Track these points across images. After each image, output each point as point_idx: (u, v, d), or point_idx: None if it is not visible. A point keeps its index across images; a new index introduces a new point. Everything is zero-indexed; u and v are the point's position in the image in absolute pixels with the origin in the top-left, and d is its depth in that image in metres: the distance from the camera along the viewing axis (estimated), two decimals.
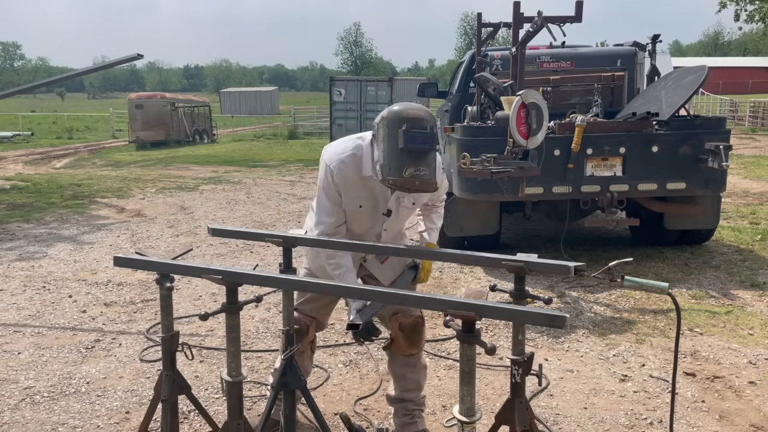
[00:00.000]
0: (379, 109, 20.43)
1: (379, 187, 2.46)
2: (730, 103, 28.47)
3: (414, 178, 2.15)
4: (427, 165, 2.16)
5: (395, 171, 2.15)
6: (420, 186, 2.18)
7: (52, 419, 3.11)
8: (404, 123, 2.15)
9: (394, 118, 2.18)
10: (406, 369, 2.79)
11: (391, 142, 2.17)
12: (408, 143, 2.13)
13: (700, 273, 5.32)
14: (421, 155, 2.15)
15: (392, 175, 2.16)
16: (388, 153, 2.17)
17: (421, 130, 2.15)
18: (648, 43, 6.49)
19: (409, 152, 2.14)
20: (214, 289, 5.05)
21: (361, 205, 2.50)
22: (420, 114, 2.19)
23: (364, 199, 2.50)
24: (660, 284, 1.81)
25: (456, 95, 7.58)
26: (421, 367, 2.84)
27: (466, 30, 77.84)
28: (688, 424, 2.97)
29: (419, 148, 2.14)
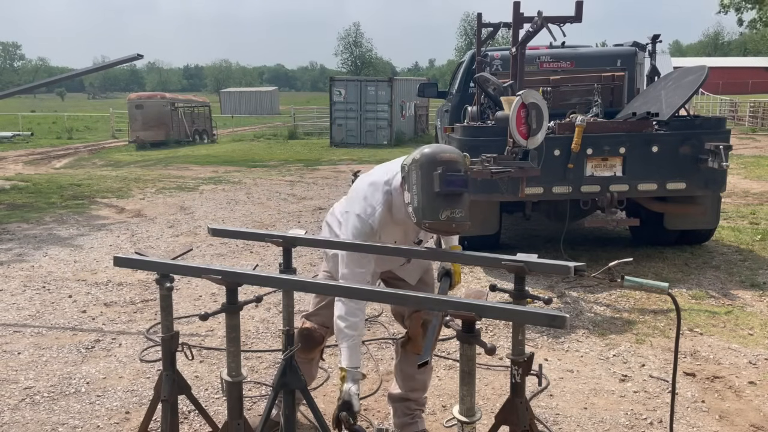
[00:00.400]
0: (380, 109, 20.34)
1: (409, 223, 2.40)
2: (730, 103, 28.47)
3: (450, 221, 2.15)
4: (462, 206, 2.17)
5: (431, 214, 2.16)
6: (456, 228, 2.19)
7: (52, 419, 3.11)
8: (439, 166, 2.14)
9: (428, 162, 2.17)
10: (417, 369, 2.75)
11: (425, 185, 2.16)
12: (444, 187, 2.13)
13: (700, 273, 5.32)
14: (456, 198, 2.16)
15: (428, 219, 2.17)
16: (423, 196, 2.17)
17: (456, 173, 2.15)
18: (648, 43, 6.49)
19: (446, 195, 2.14)
20: (214, 289, 5.05)
21: (396, 241, 2.52)
22: (454, 157, 2.19)
23: (398, 235, 2.54)
24: (660, 284, 1.81)
25: (456, 95, 7.59)
26: (430, 368, 2.87)
27: (466, 30, 77.83)
28: (688, 424, 2.97)
29: (455, 191, 2.14)
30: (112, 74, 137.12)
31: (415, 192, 2.19)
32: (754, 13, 26.15)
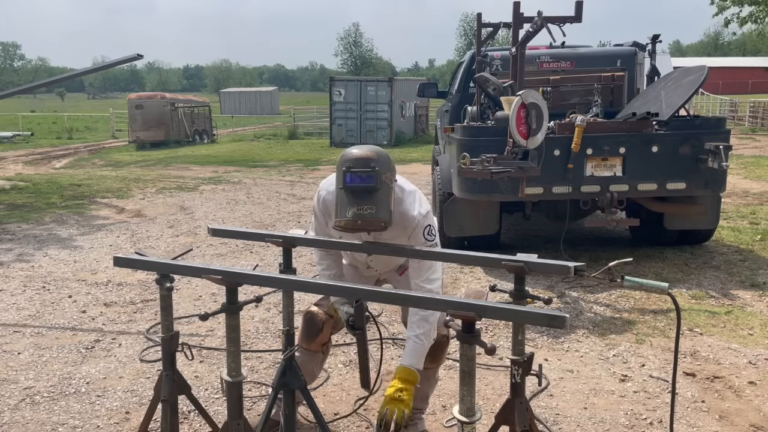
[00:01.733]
0: (379, 109, 20.34)
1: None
2: (730, 103, 28.47)
3: (357, 217, 2.14)
4: (371, 203, 2.14)
5: (340, 212, 2.17)
6: (363, 225, 2.17)
7: (52, 419, 3.11)
8: (346, 164, 2.18)
9: (340, 161, 2.23)
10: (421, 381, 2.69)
11: (337, 183, 2.21)
12: (347, 182, 2.15)
13: (700, 273, 5.32)
14: (362, 194, 2.14)
15: (338, 216, 2.18)
16: (336, 195, 2.22)
17: (361, 169, 2.15)
18: (648, 43, 6.49)
19: (351, 192, 2.15)
20: (214, 289, 5.05)
21: (341, 236, 2.49)
22: (364, 154, 2.20)
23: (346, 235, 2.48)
24: (660, 284, 1.81)
25: (456, 95, 7.59)
26: (434, 380, 2.83)
27: (465, 30, 77.80)
28: (688, 424, 2.97)
29: (358, 186, 2.14)
30: (112, 74, 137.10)
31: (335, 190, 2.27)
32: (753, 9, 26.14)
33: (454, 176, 5.46)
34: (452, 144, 5.75)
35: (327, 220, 2.53)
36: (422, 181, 11.53)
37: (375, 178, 2.16)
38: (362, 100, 20.73)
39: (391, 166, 2.26)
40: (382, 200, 2.18)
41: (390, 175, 2.24)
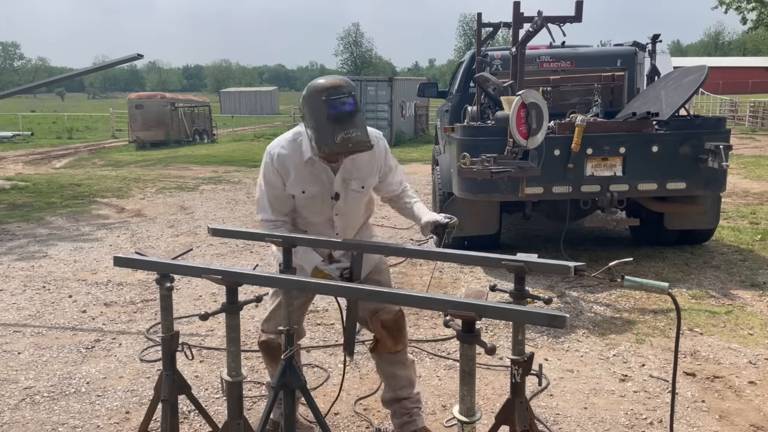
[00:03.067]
0: (379, 109, 20.34)
1: (324, 173, 2.51)
2: (730, 103, 28.47)
3: (346, 141, 2.23)
4: (355, 127, 2.25)
5: (327, 140, 2.24)
6: (354, 147, 2.27)
7: (52, 419, 3.11)
8: (323, 94, 2.25)
9: (314, 92, 2.28)
10: (395, 367, 2.80)
11: (317, 114, 2.25)
12: (332, 110, 2.22)
13: (700, 273, 5.32)
14: (348, 119, 2.24)
15: (326, 145, 2.24)
16: (317, 126, 2.26)
17: (342, 96, 2.24)
18: (648, 43, 6.49)
19: (336, 118, 2.22)
20: (214, 289, 5.05)
21: (305, 191, 2.52)
22: (337, 81, 2.29)
23: (308, 184, 2.52)
24: (660, 284, 1.80)
25: (456, 95, 7.58)
26: (409, 363, 2.85)
27: (465, 30, 77.80)
28: (688, 424, 2.97)
29: (344, 111, 2.23)
30: (112, 74, 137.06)
31: (311, 124, 2.29)
32: (755, 15, 26.20)
33: (454, 176, 5.46)
34: (452, 144, 5.75)
35: (284, 180, 2.50)
36: (422, 181, 11.52)
37: (355, 102, 2.28)
38: (362, 100, 20.71)
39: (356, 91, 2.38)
40: (362, 123, 2.31)
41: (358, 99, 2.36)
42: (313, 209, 2.60)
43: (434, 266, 5.48)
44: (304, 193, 2.52)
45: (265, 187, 2.55)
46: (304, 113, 2.33)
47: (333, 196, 2.56)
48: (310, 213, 2.62)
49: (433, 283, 5.31)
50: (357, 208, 2.71)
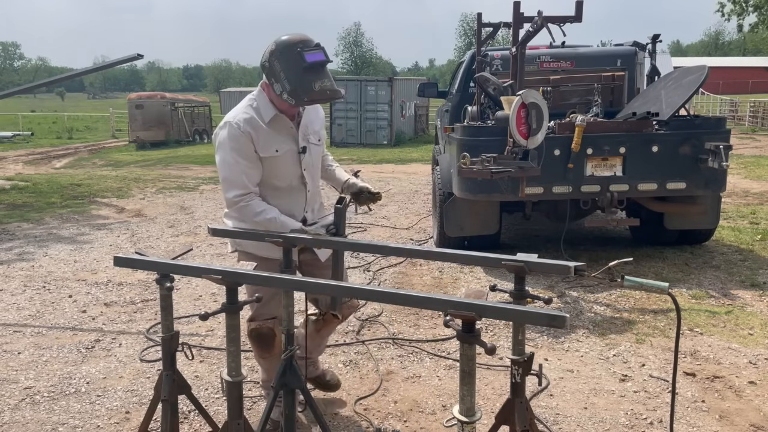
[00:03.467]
0: (380, 108, 20.35)
1: (288, 130, 2.61)
2: (730, 103, 28.48)
3: (324, 89, 2.39)
4: (329, 78, 2.42)
5: (306, 88, 2.36)
6: (331, 95, 2.43)
7: (52, 419, 3.11)
8: (296, 46, 2.37)
9: (286, 46, 2.39)
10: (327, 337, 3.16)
11: (292, 66, 2.36)
12: (309, 59, 2.36)
13: (700, 273, 5.32)
14: (322, 69, 2.40)
15: (305, 93, 2.37)
16: (293, 77, 2.36)
17: (313, 47, 2.39)
18: (648, 43, 6.49)
19: (312, 68, 2.36)
20: (214, 289, 5.05)
21: (278, 149, 2.58)
22: (305, 36, 2.43)
23: (279, 143, 2.58)
24: (660, 284, 1.80)
25: (456, 95, 7.59)
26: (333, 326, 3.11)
27: (465, 30, 77.79)
28: (688, 424, 2.98)
29: (319, 61, 2.38)
30: (112, 74, 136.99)
31: (284, 77, 2.38)
32: (755, 17, 26.19)
33: (454, 176, 5.46)
34: (452, 144, 5.75)
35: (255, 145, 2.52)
36: (422, 181, 11.53)
37: (326, 54, 2.42)
38: (362, 100, 20.73)
39: None
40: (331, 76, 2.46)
41: None
42: (283, 170, 2.63)
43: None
44: (277, 152, 2.58)
45: (235, 160, 2.52)
46: (273, 69, 2.40)
47: (300, 150, 2.65)
48: (280, 176, 2.64)
49: (433, 283, 5.32)
50: (318, 163, 2.82)
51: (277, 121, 2.56)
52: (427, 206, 8.81)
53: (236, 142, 2.51)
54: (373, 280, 5.38)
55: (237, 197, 2.54)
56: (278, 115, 2.56)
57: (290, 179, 2.67)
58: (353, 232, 7.36)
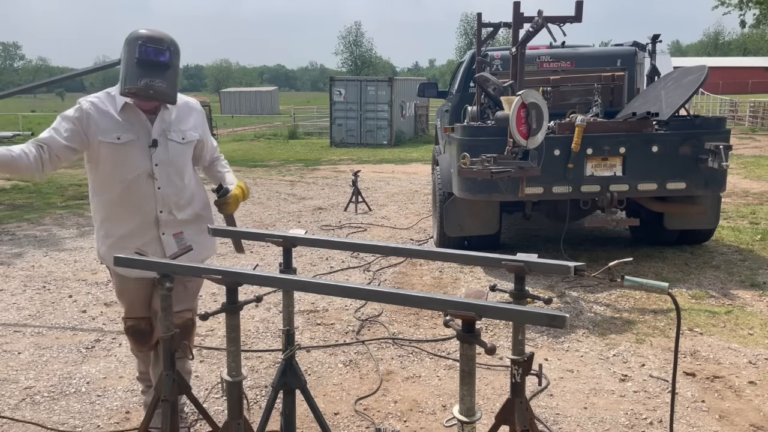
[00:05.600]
0: (380, 109, 20.35)
1: (139, 121, 2.56)
2: (730, 103, 28.47)
3: (148, 87, 2.36)
4: (162, 79, 2.39)
5: (131, 80, 2.36)
6: (154, 95, 2.40)
7: (53, 419, 3.11)
8: (140, 39, 2.38)
9: (133, 37, 2.39)
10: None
11: (129, 56, 2.38)
12: (142, 55, 2.36)
13: (700, 273, 5.32)
14: (155, 67, 2.38)
15: (128, 84, 2.37)
16: (127, 66, 2.38)
17: (156, 45, 2.38)
18: (648, 43, 6.49)
19: (144, 63, 2.36)
20: (214, 289, 5.05)
21: (120, 137, 2.52)
22: (158, 34, 2.42)
23: (123, 131, 2.53)
24: (660, 284, 1.80)
25: (456, 95, 7.59)
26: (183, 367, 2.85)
27: (465, 30, 77.77)
28: (688, 424, 2.98)
29: (153, 60, 2.37)
30: (112, 74, 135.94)
31: (123, 66, 2.41)
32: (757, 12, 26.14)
33: (454, 176, 5.46)
34: (452, 144, 5.75)
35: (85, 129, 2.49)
36: (422, 181, 11.53)
37: (168, 56, 2.41)
38: (362, 100, 20.72)
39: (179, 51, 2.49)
40: (172, 80, 2.43)
41: (178, 63, 2.48)
42: (129, 161, 2.56)
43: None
44: (119, 140, 2.52)
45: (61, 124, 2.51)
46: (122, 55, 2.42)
47: (150, 144, 2.58)
48: (127, 167, 2.56)
49: (433, 283, 5.32)
50: (180, 163, 2.67)
51: (127, 110, 2.54)
52: (427, 206, 8.81)
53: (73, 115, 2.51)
54: (373, 280, 5.38)
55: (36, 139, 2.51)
56: (129, 105, 2.53)
57: (136, 171, 2.57)
58: (353, 232, 7.36)
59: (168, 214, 2.66)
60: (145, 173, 2.59)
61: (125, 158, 2.55)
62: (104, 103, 2.55)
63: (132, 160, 2.56)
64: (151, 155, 2.58)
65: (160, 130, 2.60)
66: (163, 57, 2.38)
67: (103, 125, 2.50)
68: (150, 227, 2.64)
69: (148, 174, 2.59)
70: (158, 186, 2.61)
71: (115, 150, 2.53)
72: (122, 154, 2.54)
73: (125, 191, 2.58)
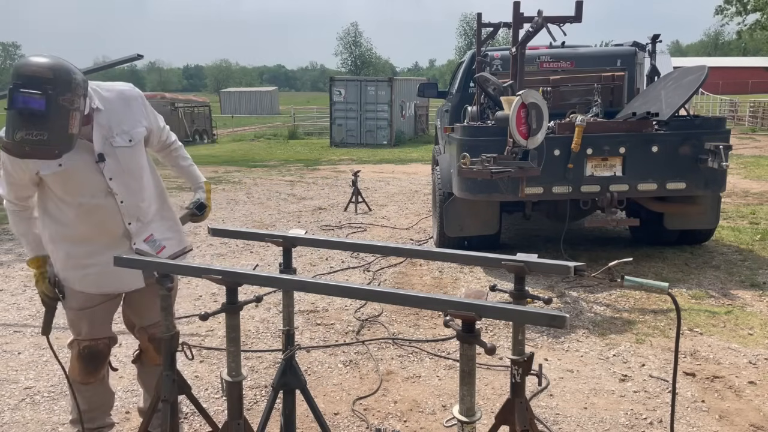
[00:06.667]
0: (379, 109, 20.38)
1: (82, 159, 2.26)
2: (730, 103, 28.47)
3: (24, 143, 1.96)
4: (43, 129, 1.95)
5: (9, 132, 1.97)
6: (31, 152, 2.00)
7: (52, 419, 3.11)
8: (15, 78, 1.96)
9: (12, 74, 1.98)
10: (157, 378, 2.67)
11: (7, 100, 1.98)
12: (12, 104, 1.93)
13: (700, 273, 5.32)
14: (31, 118, 1.94)
15: (6, 137, 1.98)
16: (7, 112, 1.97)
17: (31, 90, 1.93)
18: (648, 43, 6.49)
19: (19, 113, 1.94)
20: (214, 289, 5.05)
21: (61, 163, 2.20)
22: (38, 71, 1.96)
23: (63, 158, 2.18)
24: (660, 284, 1.80)
25: (456, 95, 7.59)
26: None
27: (465, 30, 77.80)
28: (688, 424, 2.98)
29: (25, 109, 1.93)
30: (112, 74, 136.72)
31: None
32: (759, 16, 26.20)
33: (454, 176, 5.46)
34: (452, 144, 5.75)
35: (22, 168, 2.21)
36: (422, 181, 11.53)
37: (46, 103, 1.94)
38: (362, 100, 20.73)
39: (72, 85, 2.02)
40: (57, 125, 1.98)
41: (71, 96, 2.01)
42: (80, 185, 2.28)
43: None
44: (61, 166, 2.21)
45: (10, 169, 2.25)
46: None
47: (97, 159, 2.27)
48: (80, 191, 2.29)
49: (433, 283, 5.32)
50: (133, 167, 2.40)
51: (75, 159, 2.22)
52: (427, 206, 8.81)
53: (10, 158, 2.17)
54: (373, 280, 5.38)
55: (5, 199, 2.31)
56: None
57: (92, 192, 2.30)
58: (353, 232, 7.36)
59: (136, 222, 2.44)
60: (102, 192, 2.32)
61: (75, 182, 2.28)
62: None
63: (84, 183, 2.28)
64: (102, 171, 2.29)
65: (102, 139, 2.28)
66: (38, 105, 1.93)
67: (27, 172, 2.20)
68: (120, 241, 2.42)
69: (105, 192, 2.33)
70: (120, 200, 2.36)
71: (62, 177, 2.25)
72: (68, 179, 2.26)
73: (84, 214, 2.33)
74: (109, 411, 2.77)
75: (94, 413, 2.67)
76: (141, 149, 2.44)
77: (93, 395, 2.63)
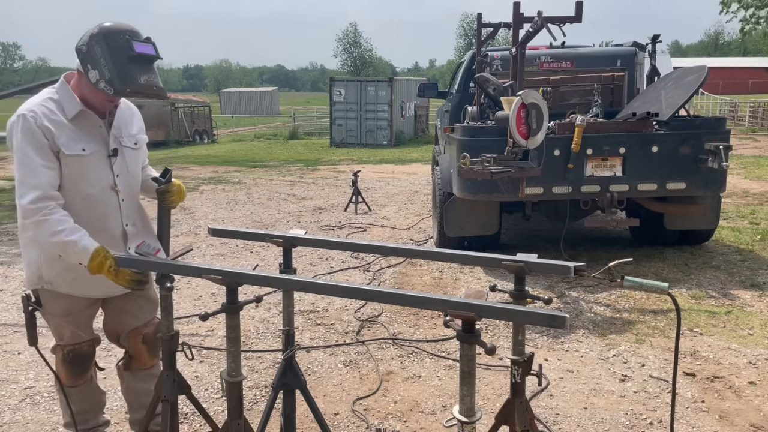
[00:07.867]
0: (379, 109, 20.34)
1: (93, 128, 2.32)
2: (730, 103, 28.47)
3: (150, 84, 2.20)
4: (156, 74, 2.23)
5: (130, 80, 2.15)
6: (157, 91, 2.23)
7: (52, 419, 3.11)
8: (125, 33, 2.17)
9: (111, 32, 2.16)
10: (149, 382, 2.61)
11: (117, 53, 2.13)
12: (138, 49, 2.16)
13: (700, 273, 5.32)
14: (149, 63, 2.21)
15: (128, 84, 2.15)
16: (117, 64, 2.13)
17: (145, 40, 2.21)
18: (648, 43, 6.49)
19: (139, 59, 2.17)
20: (214, 289, 5.05)
21: (85, 148, 2.27)
22: (135, 28, 2.24)
23: (85, 141, 2.28)
24: (660, 284, 1.80)
25: (456, 95, 7.59)
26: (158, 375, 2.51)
27: (465, 30, 77.79)
28: (688, 424, 2.98)
29: (149, 54, 2.20)
30: None
31: (104, 64, 2.14)
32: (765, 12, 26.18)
33: (454, 176, 5.46)
34: (452, 144, 5.75)
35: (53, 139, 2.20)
36: (422, 182, 11.53)
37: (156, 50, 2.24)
38: (362, 100, 20.74)
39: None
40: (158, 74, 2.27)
41: None
42: (91, 174, 2.32)
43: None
44: (84, 151, 2.27)
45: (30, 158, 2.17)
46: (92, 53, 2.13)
47: (111, 153, 2.36)
48: (90, 180, 2.32)
49: (433, 283, 5.32)
50: (135, 170, 2.50)
51: (82, 117, 2.28)
52: (427, 206, 8.81)
53: (32, 137, 2.18)
54: (373, 280, 5.38)
55: (33, 203, 2.17)
56: (84, 111, 2.27)
57: (100, 184, 2.35)
58: (353, 232, 7.36)
59: (132, 226, 2.47)
60: (108, 186, 2.38)
61: (88, 171, 2.31)
62: (53, 111, 2.24)
63: (95, 173, 2.33)
64: (112, 166, 2.38)
65: (116, 137, 2.40)
66: (155, 51, 2.23)
67: (63, 137, 2.23)
68: (117, 243, 2.41)
69: (111, 186, 2.38)
70: (122, 198, 2.41)
71: (76, 162, 2.27)
72: (84, 166, 2.29)
73: (86, 207, 2.33)
74: (101, 410, 2.78)
75: (86, 414, 2.67)
76: (142, 157, 2.58)
77: (83, 397, 2.63)
